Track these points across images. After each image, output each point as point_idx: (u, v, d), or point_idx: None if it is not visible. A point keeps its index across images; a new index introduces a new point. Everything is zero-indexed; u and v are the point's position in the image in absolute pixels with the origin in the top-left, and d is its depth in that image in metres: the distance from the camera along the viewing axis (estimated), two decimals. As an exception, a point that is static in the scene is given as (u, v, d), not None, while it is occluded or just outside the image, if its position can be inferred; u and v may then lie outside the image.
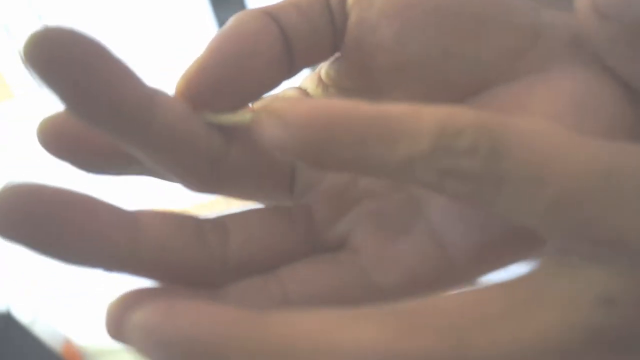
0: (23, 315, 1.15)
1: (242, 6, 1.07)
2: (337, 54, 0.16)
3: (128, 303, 0.13)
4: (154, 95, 0.13)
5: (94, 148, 0.14)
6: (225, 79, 0.14)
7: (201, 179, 0.15)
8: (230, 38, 0.14)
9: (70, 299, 1.44)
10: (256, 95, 0.15)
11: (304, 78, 0.18)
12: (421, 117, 0.11)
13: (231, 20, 0.14)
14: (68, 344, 1.32)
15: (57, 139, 0.14)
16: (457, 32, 0.15)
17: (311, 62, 0.16)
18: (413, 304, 0.11)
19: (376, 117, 0.11)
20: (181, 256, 0.14)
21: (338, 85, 0.17)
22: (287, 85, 0.19)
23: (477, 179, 0.11)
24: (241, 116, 0.14)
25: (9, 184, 0.12)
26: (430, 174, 0.11)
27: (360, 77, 0.16)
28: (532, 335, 0.10)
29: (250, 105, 0.16)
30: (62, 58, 0.11)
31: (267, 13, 0.15)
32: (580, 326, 0.10)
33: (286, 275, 0.15)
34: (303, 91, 0.18)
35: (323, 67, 0.17)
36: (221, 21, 1.09)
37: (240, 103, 0.15)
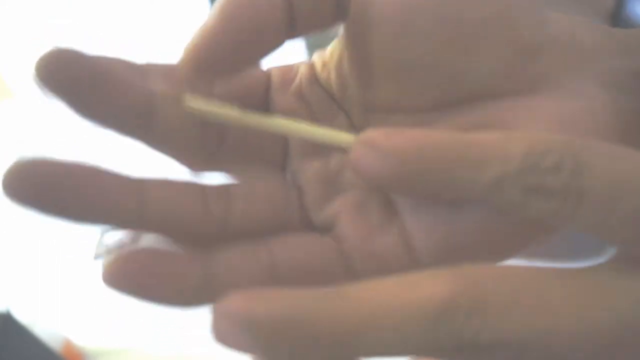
0: (23, 315, 1.15)
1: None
2: (339, 27, 0.17)
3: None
4: (152, 99, 0.14)
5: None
6: (232, 44, 0.14)
7: (197, 165, 0.16)
8: (238, 3, 0.14)
9: (70, 299, 1.44)
10: (257, 59, 0.16)
11: (316, 54, 0.19)
12: (510, 140, 0.12)
13: None
14: (68, 344, 1.32)
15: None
16: (452, 43, 0.15)
17: (311, 30, 0.16)
18: (471, 269, 0.12)
19: (467, 143, 0.12)
20: (184, 220, 0.15)
21: (338, 69, 0.17)
22: (299, 59, 0.19)
23: (561, 195, 0.12)
24: (228, 111, 0.15)
25: (23, 157, 0.13)
26: (516, 192, 0.12)
27: (357, 66, 0.17)
28: (588, 324, 0.11)
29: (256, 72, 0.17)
30: (70, 78, 0.13)
31: None
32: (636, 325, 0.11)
33: (276, 245, 0.15)
34: (312, 66, 0.18)
35: (328, 49, 0.18)
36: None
37: (242, 67, 0.15)
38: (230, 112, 0.15)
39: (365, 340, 0.11)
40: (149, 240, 0.15)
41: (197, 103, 0.15)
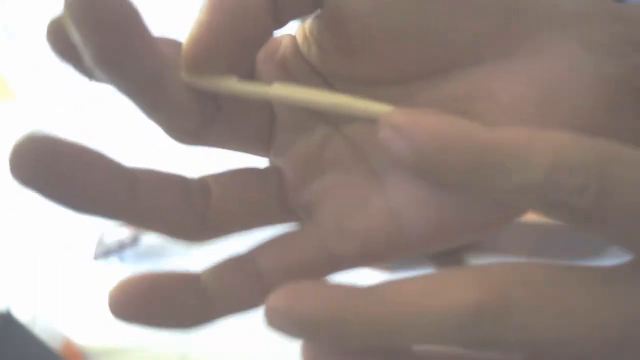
0: (23, 315, 1.15)
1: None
2: (318, 11, 0.17)
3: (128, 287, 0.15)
4: (165, 61, 0.14)
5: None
6: (229, 38, 0.14)
7: (189, 135, 0.16)
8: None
9: (70, 299, 1.45)
10: (254, 51, 0.16)
11: (298, 27, 0.18)
12: (534, 149, 0.12)
13: None
14: (68, 343, 1.32)
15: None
16: (431, 9, 0.15)
17: (293, 17, 0.16)
18: (497, 273, 0.12)
19: (491, 144, 0.12)
20: (170, 210, 0.15)
21: (319, 44, 0.17)
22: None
23: (585, 214, 0.12)
24: (228, 82, 0.15)
25: (27, 134, 0.13)
26: (538, 203, 0.12)
27: (338, 39, 0.16)
28: (604, 330, 0.11)
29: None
30: (101, 16, 0.12)
31: None
32: None
33: (258, 254, 0.17)
34: (294, 40, 0.18)
35: (307, 23, 0.17)
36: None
37: (239, 60, 0.15)
38: (231, 83, 0.15)
39: (397, 338, 0.12)
40: (147, 240, 0.15)
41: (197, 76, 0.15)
